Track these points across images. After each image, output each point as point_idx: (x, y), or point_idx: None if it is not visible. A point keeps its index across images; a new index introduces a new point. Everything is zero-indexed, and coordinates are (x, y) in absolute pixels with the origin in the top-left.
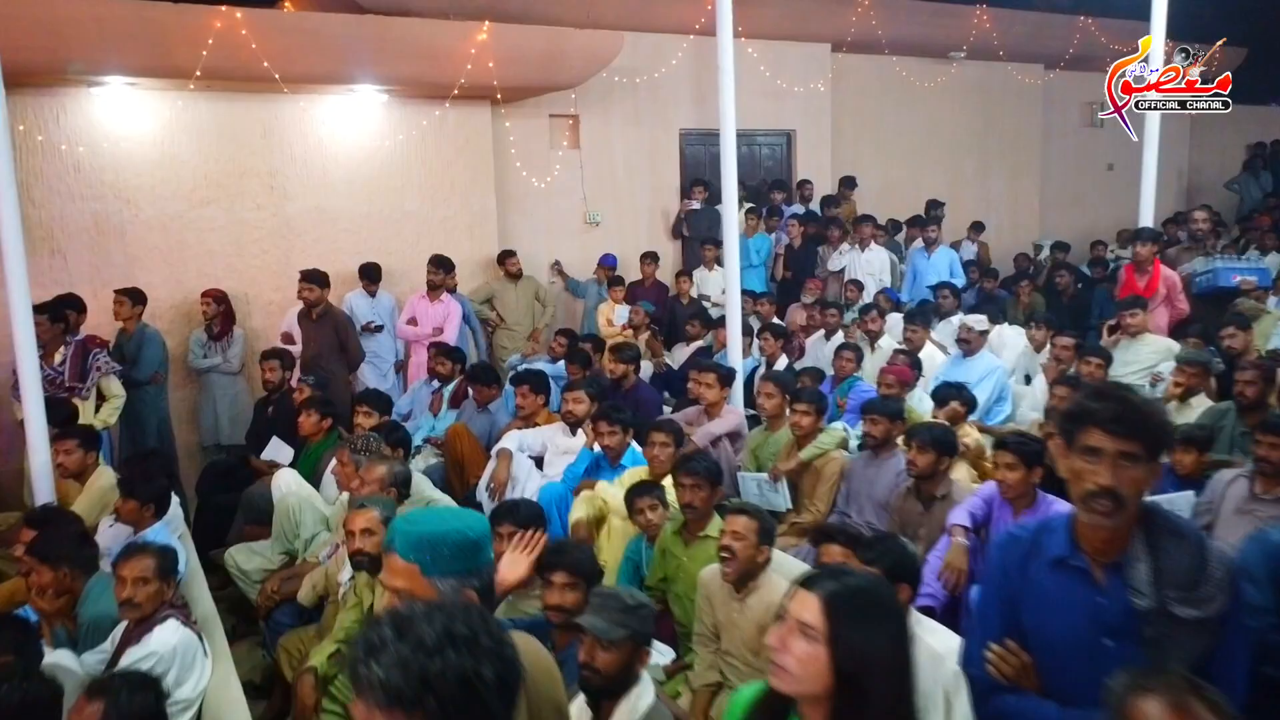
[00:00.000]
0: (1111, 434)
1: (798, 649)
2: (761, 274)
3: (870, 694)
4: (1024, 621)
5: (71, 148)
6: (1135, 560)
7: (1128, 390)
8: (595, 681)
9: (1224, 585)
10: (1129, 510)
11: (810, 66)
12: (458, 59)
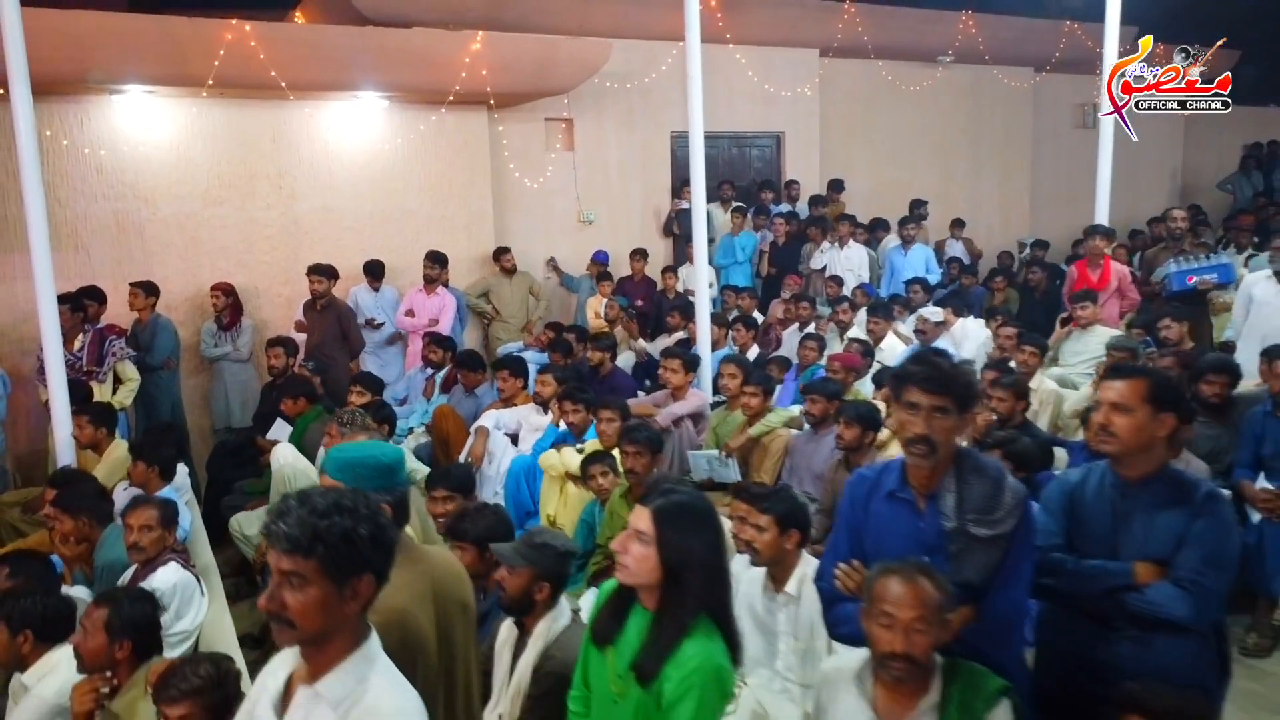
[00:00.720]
0: (926, 391)
1: (635, 550)
2: (747, 270)
3: (689, 583)
4: (865, 544)
5: (94, 151)
6: (946, 492)
7: (941, 355)
8: (505, 600)
9: (1013, 511)
10: (942, 453)
11: (798, 71)
12: (453, 67)
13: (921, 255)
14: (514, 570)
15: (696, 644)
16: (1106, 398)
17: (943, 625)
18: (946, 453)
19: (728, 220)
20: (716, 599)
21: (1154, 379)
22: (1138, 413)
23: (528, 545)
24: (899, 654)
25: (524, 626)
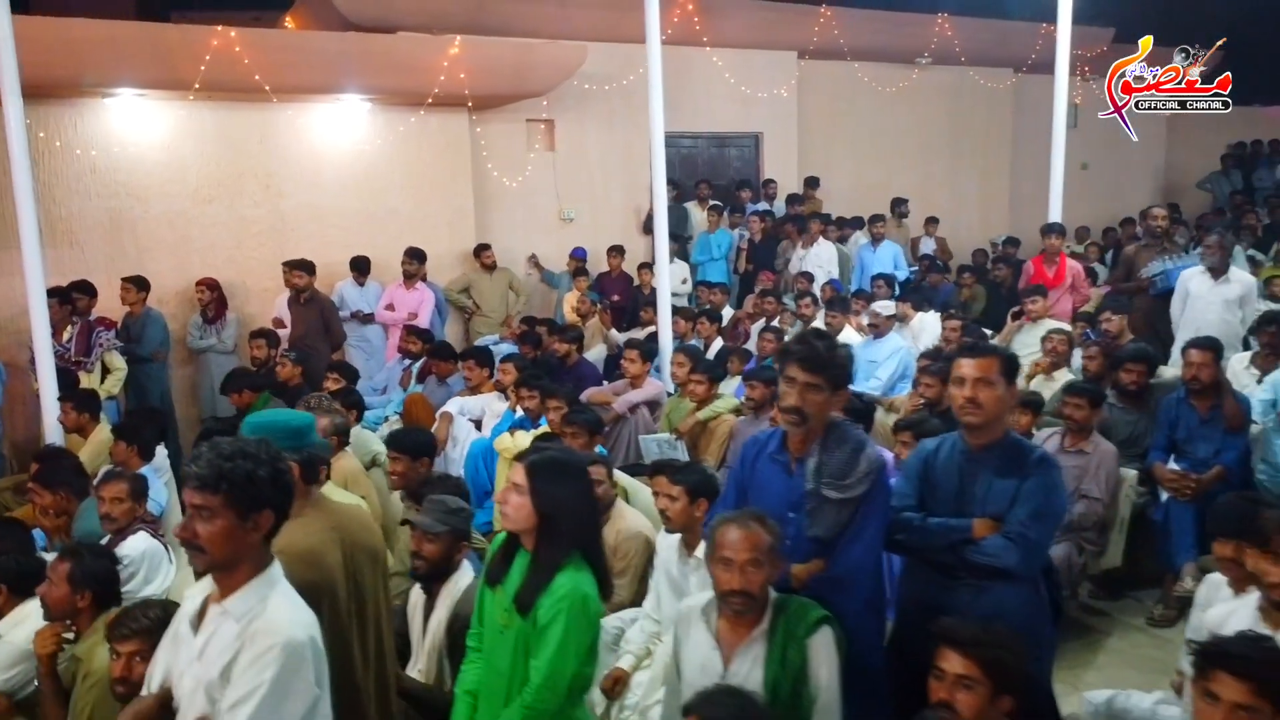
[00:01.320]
0: (802, 368)
1: (513, 500)
2: (723, 267)
3: (560, 526)
4: (749, 498)
5: (86, 151)
6: (810, 458)
7: (820, 337)
8: (423, 569)
9: (865, 479)
10: (812, 423)
11: (776, 73)
12: (432, 70)
13: (890, 252)
14: (436, 537)
15: (566, 577)
16: (970, 374)
17: (774, 565)
18: (817, 423)
19: (704, 218)
20: (586, 539)
21: (1005, 355)
22: (997, 386)
23: (444, 511)
24: (737, 590)
25: (431, 590)
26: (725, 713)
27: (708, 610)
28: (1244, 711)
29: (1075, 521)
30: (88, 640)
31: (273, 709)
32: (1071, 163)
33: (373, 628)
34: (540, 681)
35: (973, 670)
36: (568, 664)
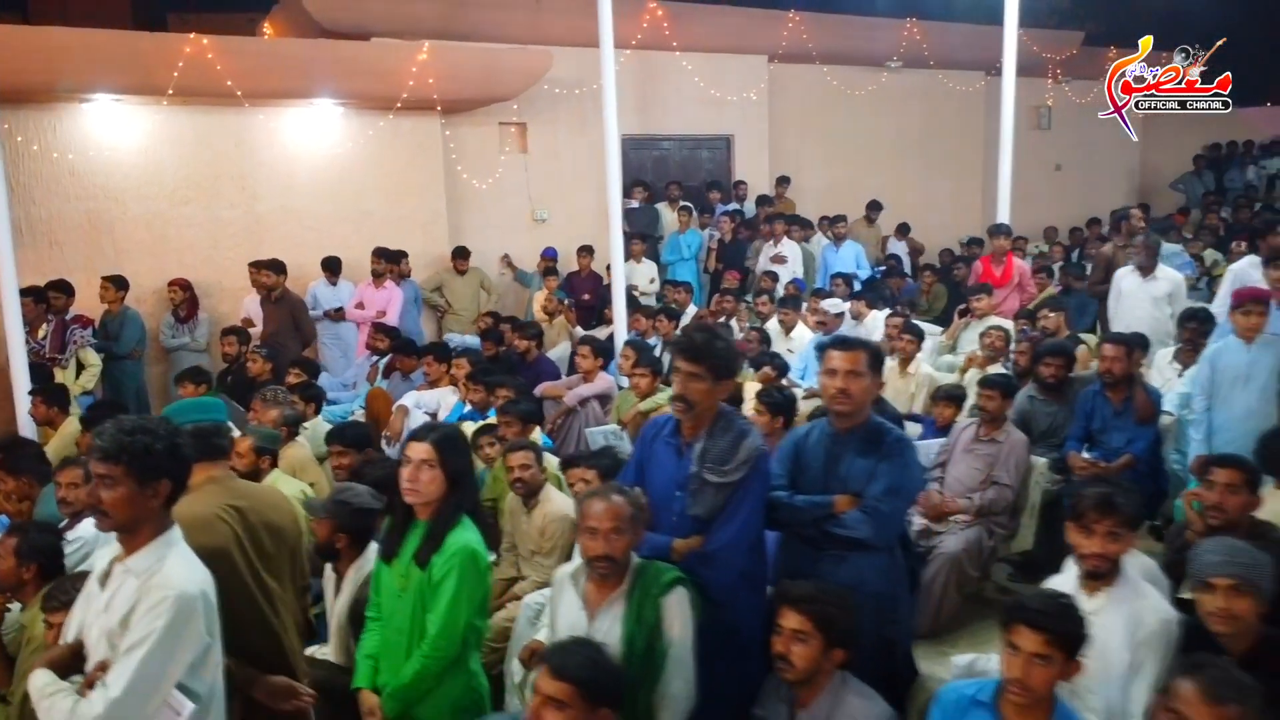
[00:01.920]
0: (683, 359)
1: (424, 475)
2: (692, 266)
3: (461, 490)
4: (646, 477)
5: (64, 155)
6: (697, 443)
7: (706, 332)
8: (315, 545)
9: (744, 465)
10: (698, 410)
11: (746, 76)
12: (402, 75)
13: (851, 251)
14: (319, 520)
15: (457, 535)
16: (840, 366)
17: (635, 532)
18: (704, 411)
19: (675, 219)
20: (472, 502)
21: (871, 348)
22: (865, 377)
23: (332, 501)
24: (601, 556)
25: (339, 571)
26: (575, 661)
27: (577, 575)
28: (1039, 659)
29: (986, 506)
30: (32, 609)
31: (165, 653)
32: (1045, 164)
33: (278, 597)
34: (437, 631)
35: (806, 625)
36: (461, 613)
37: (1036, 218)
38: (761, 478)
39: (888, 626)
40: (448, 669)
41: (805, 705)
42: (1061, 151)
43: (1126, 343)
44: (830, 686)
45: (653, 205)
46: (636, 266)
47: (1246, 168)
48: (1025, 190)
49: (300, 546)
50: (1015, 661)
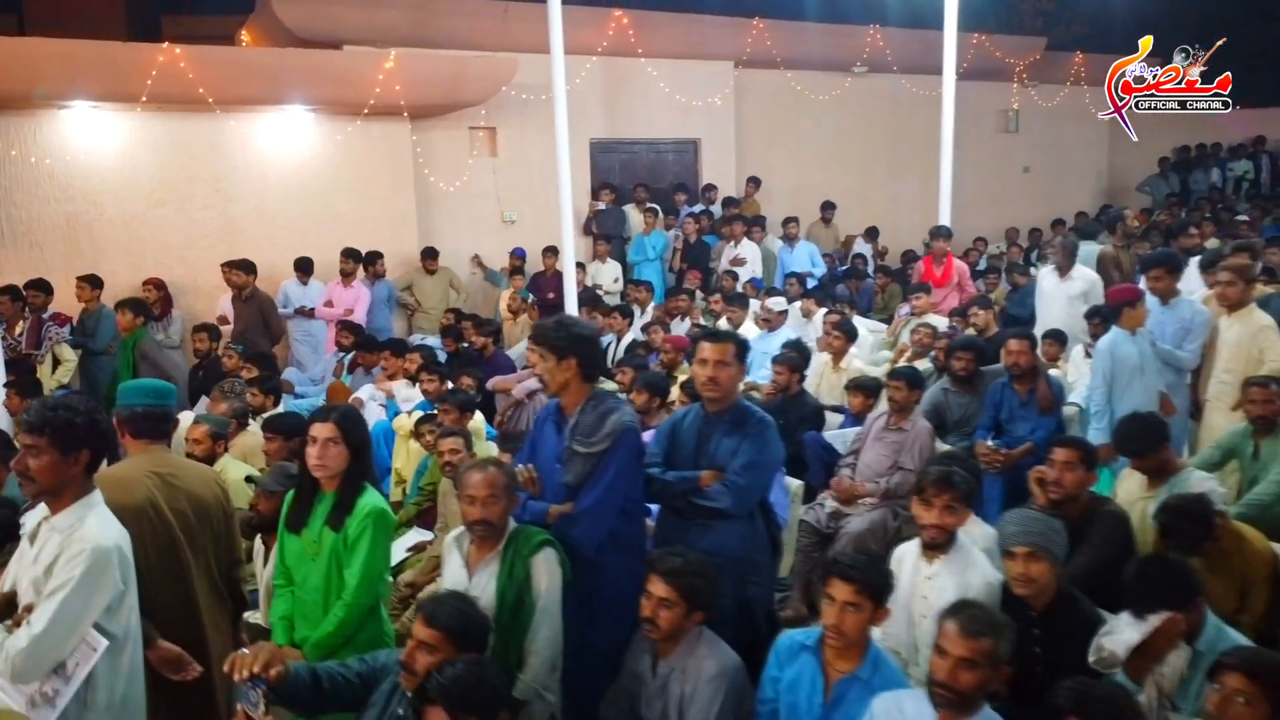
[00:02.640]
0: (543, 348)
1: (331, 450)
2: (657, 267)
3: (363, 459)
4: (537, 453)
5: (43, 160)
6: (573, 418)
7: (554, 321)
8: (255, 520)
9: (608, 438)
10: (553, 389)
11: (712, 81)
12: (369, 83)
13: (805, 251)
14: (270, 495)
15: (365, 498)
16: (710, 357)
17: (510, 499)
18: (568, 391)
19: (641, 220)
20: (371, 471)
21: (738, 340)
22: (732, 366)
23: (283, 475)
24: (479, 520)
25: (267, 543)
26: (445, 611)
27: (461, 539)
28: (851, 607)
29: (891, 490)
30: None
31: (82, 597)
32: (1013, 166)
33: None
34: (357, 582)
35: (671, 595)
36: (377, 565)
37: (1005, 219)
38: (626, 449)
39: (749, 587)
40: (362, 621)
41: (665, 656)
42: (1029, 154)
43: (1030, 338)
44: (688, 640)
45: (620, 207)
46: (601, 266)
47: (1211, 170)
48: (994, 192)
49: (226, 523)
50: (831, 610)
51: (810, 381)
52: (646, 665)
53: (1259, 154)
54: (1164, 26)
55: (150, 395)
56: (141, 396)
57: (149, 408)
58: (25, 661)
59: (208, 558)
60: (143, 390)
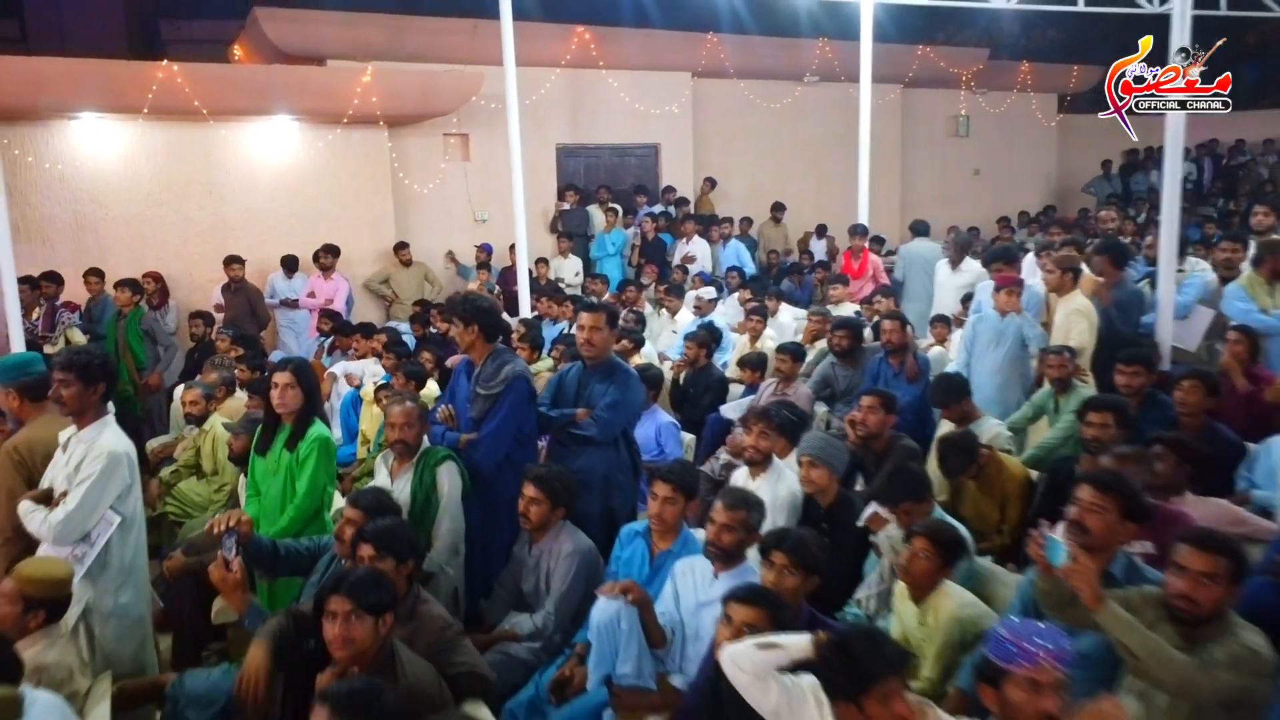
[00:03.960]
0: (454, 316)
1: (289, 394)
2: (617, 262)
3: (314, 400)
4: (454, 396)
5: (54, 165)
6: (478, 369)
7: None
8: (233, 455)
9: (503, 383)
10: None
11: (670, 91)
12: (348, 95)
13: (734, 249)
14: (239, 435)
15: (314, 429)
16: (588, 324)
17: (423, 425)
18: (474, 349)
19: (604, 220)
20: (320, 409)
21: (608, 310)
22: (604, 331)
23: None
24: (398, 440)
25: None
26: (366, 497)
27: (386, 456)
28: (669, 501)
29: None
30: None
31: (101, 486)
32: (964, 168)
33: None
34: (304, 491)
35: (539, 495)
36: (320, 479)
37: (955, 218)
38: (517, 391)
39: (612, 498)
40: (309, 521)
41: (537, 542)
42: (980, 157)
43: (900, 318)
44: (553, 530)
45: (584, 207)
46: (564, 262)
47: (1151, 172)
48: (946, 193)
49: None
50: (654, 504)
51: (733, 357)
52: (525, 550)
53: (1201, 158)
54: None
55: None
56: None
57: (39, 375)
58: (61, 531)
59: None
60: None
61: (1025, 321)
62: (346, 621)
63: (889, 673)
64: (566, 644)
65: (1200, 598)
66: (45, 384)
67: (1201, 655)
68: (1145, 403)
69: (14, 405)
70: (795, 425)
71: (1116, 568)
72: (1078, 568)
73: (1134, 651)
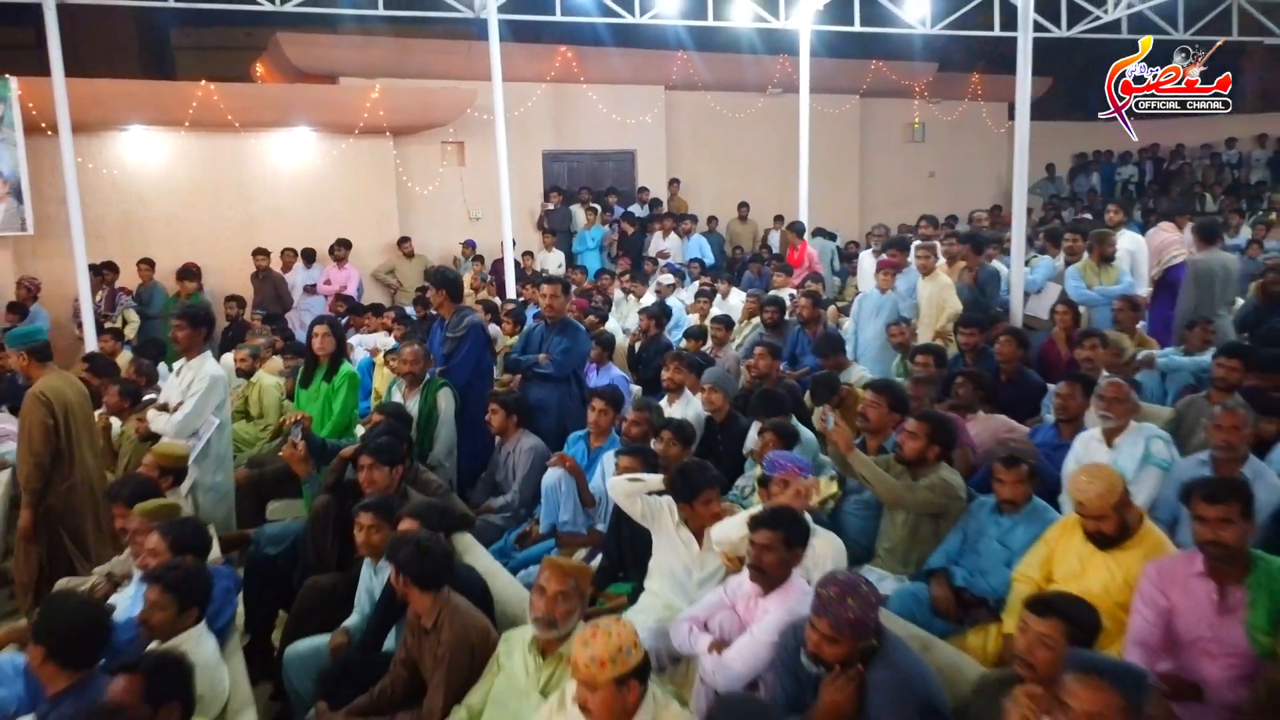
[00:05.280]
0: (431, 284)
1: (326, 340)
2: (596, 254)
3: (342, 345)
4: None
5: (108, 170)
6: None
7: (439, 269)
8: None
9: (464, 328)
10: (441, 308)
11: (644, 103)
12: (358, 110)
13: (698, 243)
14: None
15: (344, 366)
16: (548, 293)
17: (427, 361)
18: (444, 306)
19: (584, 217)
20: (344, 351)
21: (563, 282)
22: (560, 299)
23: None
24: (408, 372)
25: None
26: (390, 407)
27: (399, 384)
28: (602, 414)
29: None
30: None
31: (205, 398)
32: (920, 172)
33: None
34: (339, 410)
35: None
36: (350, 402)
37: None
38: (475, 334)
39: (565, 420)
40: (343, 433)
41: (504, 445)
42: (935, 161)
43: (814, 297)
44: (515, 436)
45: (567, 207)
46: (548, 255)
47: (1093, 174)
48: (903, 194)
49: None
50: (592, 414)
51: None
52: (499, 449)
53: (1144, 161)
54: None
55: (37, 334)
56: (26, 336)
57: (42, 342)
58: (179, 428)
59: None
60: (30, 333)
61: (898, 297)
62: (370, 470)
63: (709, 486)
64: (529, 515)
65: (907, 451)
66: (47, 348)
67: (912, 483)
68: (979, 355)
69: (23, 364)
70: (700, 365)
71: (889, 443)
72: (836, 431)
73: (868, 480)
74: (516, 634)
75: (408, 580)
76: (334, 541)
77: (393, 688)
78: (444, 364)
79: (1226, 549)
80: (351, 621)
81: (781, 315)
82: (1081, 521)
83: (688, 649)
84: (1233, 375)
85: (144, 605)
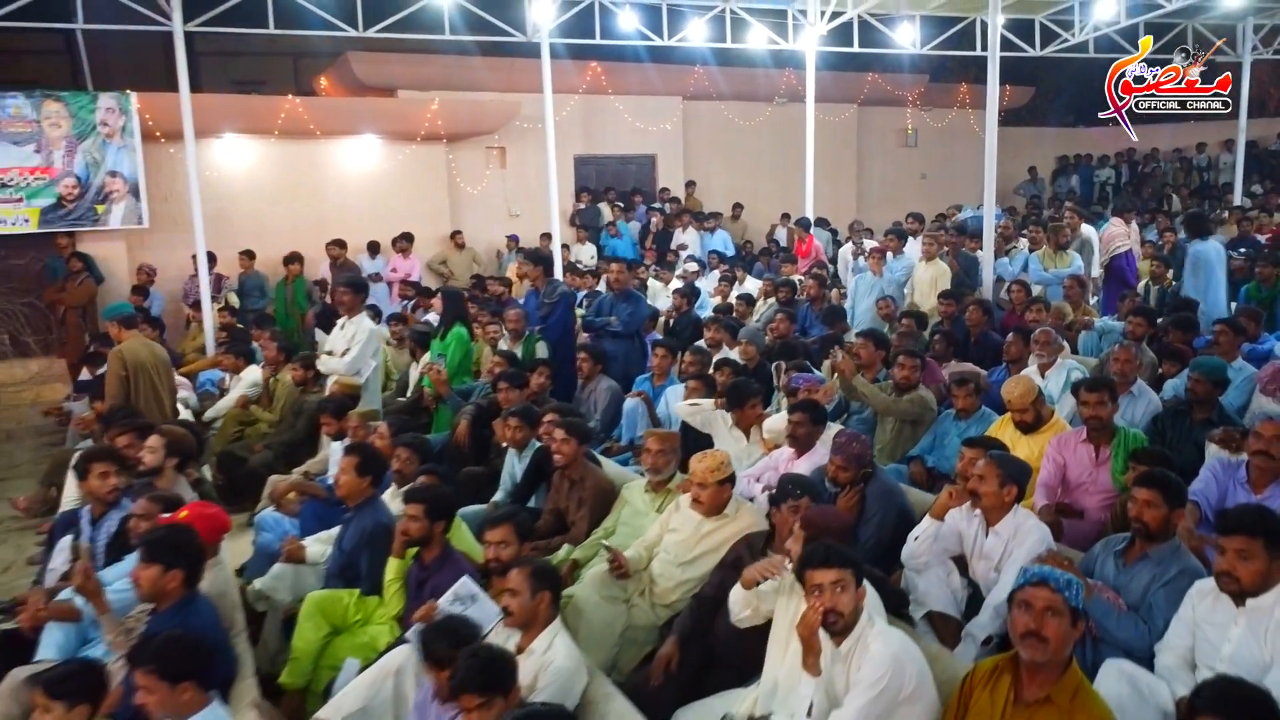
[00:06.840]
0: (528, 265)
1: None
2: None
3: (455, 314)
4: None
5: (204, 172)
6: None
7: (538, 250)
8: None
9: (556, 294)
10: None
11: (665, 111)
12: (419, 119)
13: (720, 237)
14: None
15: (456, 327)
16: (615, 269)
17: (524, 323)
18: (538, 280)
19: (610, 215)
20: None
21: (629, 262)
22: (625, 273)
23: (416, 332)
24: (513, 329)
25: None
26: (504, 354)
27: (506, 337)
28: (664, 359)
29: None
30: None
31: (366, 346)
32: (912, 174)
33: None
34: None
35: (585, 356)
36: (461, 352)
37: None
38: (564, 300)
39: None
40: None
41: (587, 385)
42: (926, 164)
43: (819, 278)
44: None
45: (595, 205)
46: (581, 247)
47: (1072, 176)
48: (896, 194)
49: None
50: (655, 359)
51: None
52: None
53: (1120, 164)
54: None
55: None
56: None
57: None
58: (348, 367)
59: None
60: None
61: (887, 280)
62: (507, 391)
63: (753, 395)
64: (607, 436)
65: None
66: (133, 319)
67: (898, 397)
68: (954, 320)
69: (115, 330)
70: (733, 327)
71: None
72: (843, 361)
73: (866, 395)
74: (629, 486)
75: (575, 442)
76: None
77: (546, 525)
78: (540, 324)
79: (1101, 421)
80: (498, 497)
81: (793, 295)
82: (1011, 415)
83: (744, 491)
84: (1139, 329)
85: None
